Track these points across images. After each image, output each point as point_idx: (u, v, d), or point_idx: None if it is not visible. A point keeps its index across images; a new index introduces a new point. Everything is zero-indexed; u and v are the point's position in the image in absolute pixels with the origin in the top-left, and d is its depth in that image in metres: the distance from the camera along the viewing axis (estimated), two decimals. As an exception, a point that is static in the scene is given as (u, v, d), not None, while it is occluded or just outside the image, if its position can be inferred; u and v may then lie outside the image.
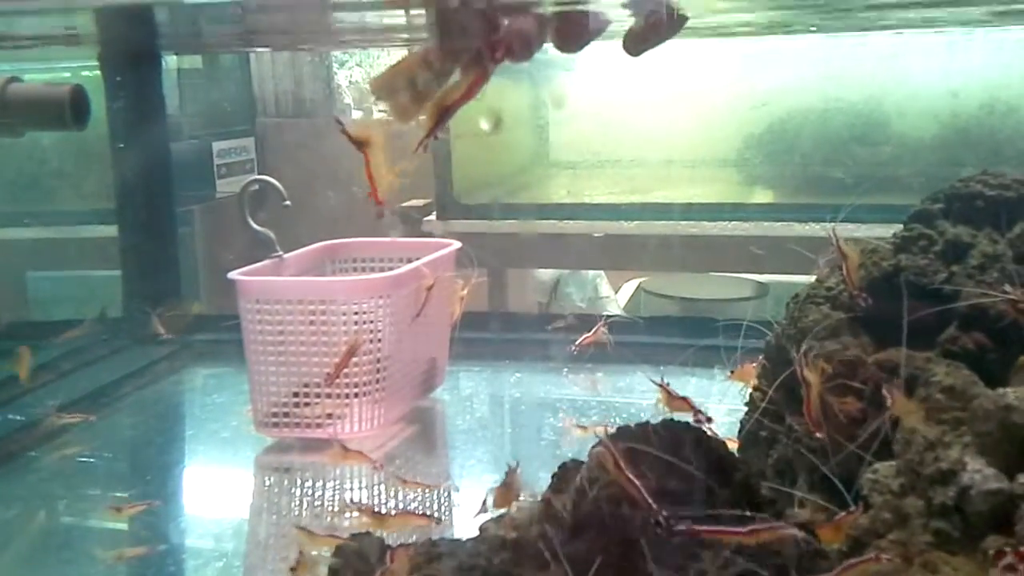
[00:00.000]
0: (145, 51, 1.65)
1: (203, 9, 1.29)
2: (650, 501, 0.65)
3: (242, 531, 1.10)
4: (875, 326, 0.87)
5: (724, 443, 0.74)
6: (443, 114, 0.62)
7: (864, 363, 0.86)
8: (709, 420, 0.75)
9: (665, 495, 0.68)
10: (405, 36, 1.37)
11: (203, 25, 1.52)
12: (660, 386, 0.89)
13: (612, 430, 0.73)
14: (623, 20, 0.73)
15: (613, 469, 0.67)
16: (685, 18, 0.71)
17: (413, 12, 0.99)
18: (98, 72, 1.71)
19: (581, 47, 0.68)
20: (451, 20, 0.65)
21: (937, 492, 0.56)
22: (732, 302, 2.74)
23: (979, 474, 0.54)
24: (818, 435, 0.79)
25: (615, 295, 3.10)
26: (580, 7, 0.70)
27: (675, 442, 0.72)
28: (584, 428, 1.23)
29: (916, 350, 0.83)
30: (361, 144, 0.65)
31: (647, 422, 0.74)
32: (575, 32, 0.67)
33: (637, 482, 0.67)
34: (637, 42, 0.70)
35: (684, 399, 0.89)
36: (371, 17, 1.02)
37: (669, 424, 0.74)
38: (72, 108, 1.09)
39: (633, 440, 0.72)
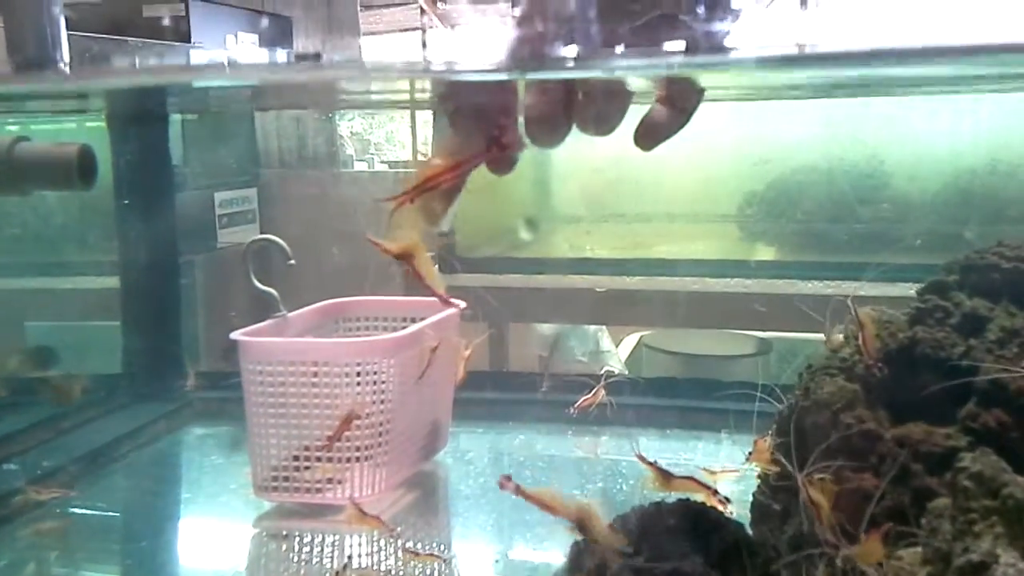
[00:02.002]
0: (152, 111, 1.65)
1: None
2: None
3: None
4: (891, 399, 0.86)
5: (741, 525, 0.71)
6: (424, 183, 0.60)
7: (881, 437, 0.84)
8: (728, 501, 0.73)
9: (682, 580, 0.66)
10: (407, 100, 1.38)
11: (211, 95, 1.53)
12: (650, 465, 0.85)
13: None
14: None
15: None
16: (702, 91, 0.69)
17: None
18: (102, 123, 1.71)
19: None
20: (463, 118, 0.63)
21: (968, 586, 0.54)
22: (734, 358, 2.72)
23: (1013, 568, 0.52)
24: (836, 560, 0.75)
25: (616, 350, 3.09)
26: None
27: (690, 524, 0.70)
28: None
29: (934, 426, 0.81)
30: (405, 257, 0.62)
31: (661, 502, 0.72)
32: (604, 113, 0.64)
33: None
34: (650, 135, 0.67)
35: (691, 479, 0.85)
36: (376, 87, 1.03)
37: (684, 504, 0.72)
38: (80, 168, 1.09)
39: (648, 521, 0.70)
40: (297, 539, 1.16)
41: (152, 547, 1.22)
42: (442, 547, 1.13)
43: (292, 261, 1.36)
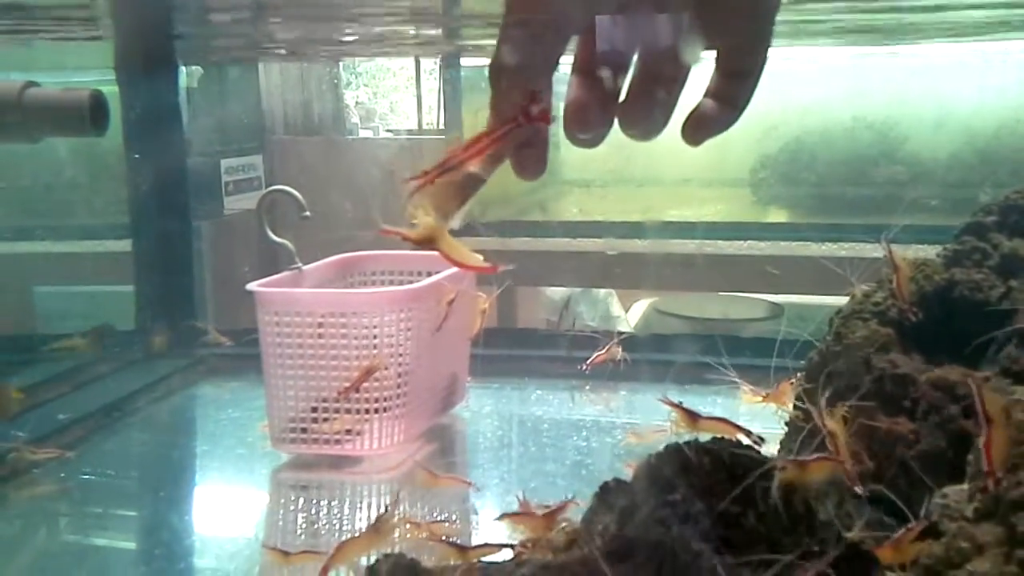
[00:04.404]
0: (162, 59, 1.63)
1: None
2: None
3: (256, 550, 1.06)
4: (927, 343, 0.84)
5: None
6: (445, 164, 0.56)
7: (915, 381, 0.83)
8: (763, 441, 0.72)
9: (724, 517, 0.65)
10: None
11: (218, 33, 1.51)
12: (675, 406, 0.83)
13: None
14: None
15: None
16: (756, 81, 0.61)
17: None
18: (111, 85, 1.69)
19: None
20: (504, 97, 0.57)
21: (1021, 519, 0.52)
22: (745, 322, 2.71)
23: (1069, 499, 0.50)
24: (857, 490, 0.74)
25: (625, 315, 3.07)
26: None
27: (727, 463, 0.68)
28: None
29: (972, 369, 0.80)
30: (427, 244, 0.58)
31: (695, 440, 0.71)
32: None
33: None
34: (700, 130, 0.59)
35: (723, 420, 0.84)
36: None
37: (720, 443, 0.70)
38: (92, 113, 1.07)
39: (683, 459, 0.68)
40: (315, 490, 1.16)
41: (170, 498, 1.22)
42: (461, 500, 1.12)
43: (307, 213, 1.35)
